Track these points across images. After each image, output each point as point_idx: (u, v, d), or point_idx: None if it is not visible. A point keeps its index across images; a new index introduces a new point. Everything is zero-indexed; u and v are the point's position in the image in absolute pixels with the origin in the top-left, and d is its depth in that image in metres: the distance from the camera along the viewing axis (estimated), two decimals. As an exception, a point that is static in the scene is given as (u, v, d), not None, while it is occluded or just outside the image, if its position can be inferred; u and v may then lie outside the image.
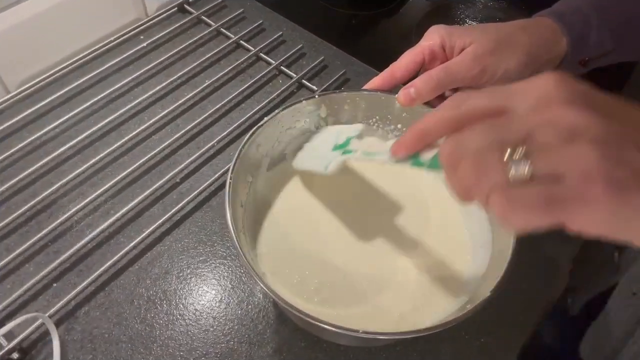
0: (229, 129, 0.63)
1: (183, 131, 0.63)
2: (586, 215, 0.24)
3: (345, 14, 0.90)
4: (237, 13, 0.79)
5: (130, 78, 0.68)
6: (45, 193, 0.56)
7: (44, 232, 0.53)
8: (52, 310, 0.48)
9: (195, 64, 0.71)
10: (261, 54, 0.73)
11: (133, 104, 0.65)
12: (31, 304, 0.49)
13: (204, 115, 0.64)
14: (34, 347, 0.47)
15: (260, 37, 0.77)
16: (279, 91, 0.68)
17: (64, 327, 0.48)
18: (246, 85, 0.68)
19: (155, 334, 0.48)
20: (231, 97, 0.67)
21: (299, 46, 0.74)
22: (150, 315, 0.49)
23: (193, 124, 0.64)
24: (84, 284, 0.50)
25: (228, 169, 0.43)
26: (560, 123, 0.24)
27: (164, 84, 0.68)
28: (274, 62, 0.72)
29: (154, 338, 0.48)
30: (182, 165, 0.59)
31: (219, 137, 0.62)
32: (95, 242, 0.53)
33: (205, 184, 0.57)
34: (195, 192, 0.57)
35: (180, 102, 0.66)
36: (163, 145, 0.61)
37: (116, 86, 0.67)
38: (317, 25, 0.80)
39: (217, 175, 0.58)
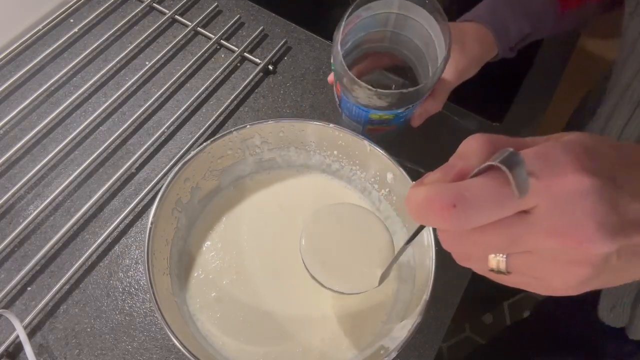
0: (177, 113, 0.66)
1: (131, 120, 0.65)
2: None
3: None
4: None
5: (67, 68, 0.69)
6: (2, 200, 0.59)
7: (8, 239, 0.56)
8: (32, 314, 0.52)
9: (132, 45, 0.72)
10: (199, 29, 0.75)
11: (75, 95, 0.67)
12: (10, 309, 0.54)
13: (150, 101, 0.67)
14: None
15: (196, 10, 0.79)
16: (223, 67, 0.71)
17: (46, 328, 0.53)
18: (189, 64, 0.71)
19: (136, 322, 0.53)
20: (175, 78, 0.70)
21: (237, 17, 0.77)
22: (128, 305, 0.54)
23: (140, 110, 0.66)
24: (59, 284, 0.54)
25: (183, 155, 0.47)
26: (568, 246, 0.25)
27: (103, 70, 0.70)
28: (213, 36, 0.74)
29: (135, 325, 0.53)
30: (136, 155, 0.63)
31: (168, 123, 0.66)
32: (61, 242, 0.57)
33: (162, 173, 0.61)
34: (153, 182, 0.61)
35: (123, 88, 0.68)
36: (113, 137, 0.64)
37: (54, 78, 0.68)
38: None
39: (172, 163, 0.62)
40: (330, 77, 0.64)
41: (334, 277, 0.46)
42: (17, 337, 0.51)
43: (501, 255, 0.28)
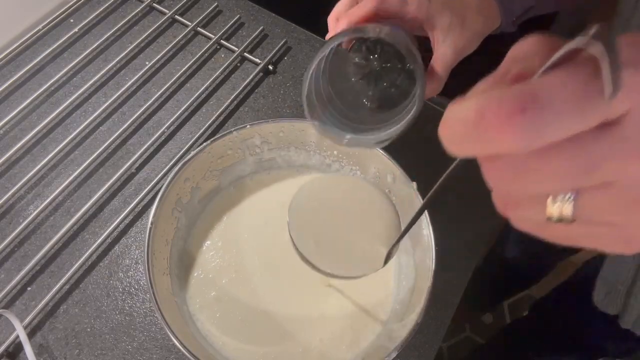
0: (177, 113, 0.66)
1: (131, 120, 0.66)
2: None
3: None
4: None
5: (67, 68, 0.69)
6: (2, 200, 0.59)
7: (8, 239, 0.56)
8: (32, 314, 0.52)
9: (132, 45, 0.73)
10: (199, 29, 0.76)
11: (75, 95, 0.67)
12: (10, 309, 0.54)
13: (150, 101, 0.67)
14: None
15: (196, 10, 0.79)
16: (223, 67, 0.71)
17: (46, 328, 0.53)
18: (189, 64, 0.71)
19: (136, 322, 0.53)
20: (175, 78, 0.70)
21: (237, 17, 0.77)
22: (128, 305, 0.54)
23: (140, 110, 0.66)
24: (59, 284, 0.54)
25: (183, 155, 0.47)
26: None
27: (103, 70, 0.70)
28: (213, 36, 0.74)
29: (135, 325, 0.53)
30: (136, 155, 0.63)
31: (168, 123, 0.66)
32: (61, 242, 0.57)
33: (162, 173, 0.61)
34: (153, 182, 0.61)
35: (123, 88, 0.68)
36: (113, 137, 0.64)
37: (54, 78, 0.68)
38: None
39: (172, 163, 0.62)
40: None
41: (330, 258, 0.39)
42: (17, 337, 0.51)
43: (566, 195, 0.21)
